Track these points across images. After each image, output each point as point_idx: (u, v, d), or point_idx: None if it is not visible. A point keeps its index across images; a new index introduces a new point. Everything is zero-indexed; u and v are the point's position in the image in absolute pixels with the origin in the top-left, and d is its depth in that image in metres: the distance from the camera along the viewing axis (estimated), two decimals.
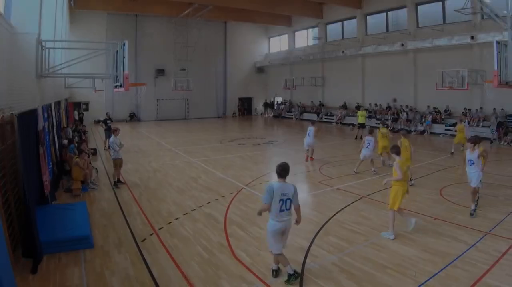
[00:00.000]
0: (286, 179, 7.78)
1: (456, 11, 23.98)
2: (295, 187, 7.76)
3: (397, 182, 9.94)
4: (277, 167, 7.81)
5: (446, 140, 28.19)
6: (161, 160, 21.22)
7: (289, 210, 7.64)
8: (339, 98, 42.77)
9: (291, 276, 7.63)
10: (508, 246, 9.04)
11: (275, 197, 7.48)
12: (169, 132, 34.76)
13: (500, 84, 16.06)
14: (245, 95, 54.58)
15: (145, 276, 7.98)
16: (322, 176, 17.04)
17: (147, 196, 14.20)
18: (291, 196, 7.60)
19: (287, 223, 7.70)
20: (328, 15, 44.04)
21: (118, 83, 13.97)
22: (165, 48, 45.22)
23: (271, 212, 7.58)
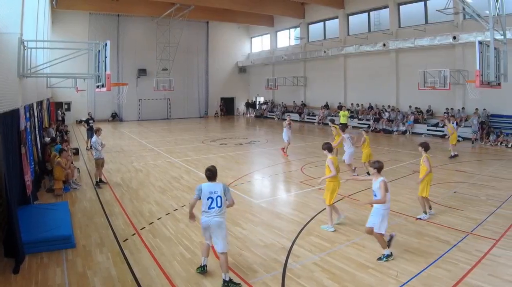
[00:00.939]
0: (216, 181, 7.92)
1: (438, 11, 24.13)
2: (225, 185, 7.94)
3: (332, 178, 10.48)
4: (206, 171, 7.97)
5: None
6: (143, 160, 21.17)
7: (220, 207, 7.75)
8: (321, 98, 42.84)
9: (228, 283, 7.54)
10: (490, 246, 9.10)
11: (204, 195, 7.73)
12: (151, 132, 34.67)
13: (482, 84, 16.26)
14: (227, 95, 54.50)
15: (127, 276, 8.00)
16: (304, 175, 17.04)
17: (129, 196, 14.19)
18: (220, 193, 7.73)
19: (213, 220, 7.73)
20: (310, 15, 44.12)
21: (100, 83, 13.92)
22: (147, 48, 45.13)
23: (202, 208, 7.85)
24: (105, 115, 44.62)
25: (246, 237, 10.01)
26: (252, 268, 8.28)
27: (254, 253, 9.06)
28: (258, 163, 18.46)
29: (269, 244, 9.56)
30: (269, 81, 47.02)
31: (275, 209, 12.75)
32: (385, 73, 35.41)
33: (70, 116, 41.48)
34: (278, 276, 7.95)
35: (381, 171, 8.83)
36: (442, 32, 28.89)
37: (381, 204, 8.45)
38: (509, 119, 26.53)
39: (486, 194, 13.76)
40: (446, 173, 17.34)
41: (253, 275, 8.00)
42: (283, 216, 11.78)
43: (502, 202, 12.75)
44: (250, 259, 8.73)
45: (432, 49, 30.52)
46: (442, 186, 14.90)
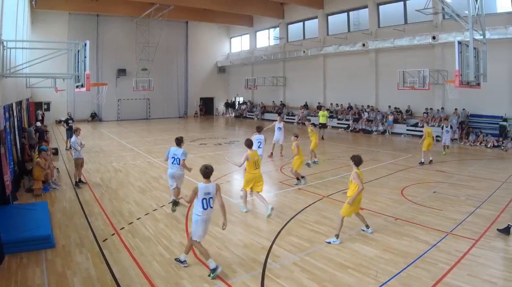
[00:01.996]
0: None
1: (418, 11, 24.11)
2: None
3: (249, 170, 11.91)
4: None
5: (407, 141, 28.56)
6: (123, 160, 21.08)
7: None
8: (300, 98, 42.91)
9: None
10: (469, 246, 9.13)
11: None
12: (131, 133, 34.56)
13: (461, 84, 16.23)
14: (206, 95, 54.39)
15: (106, 276, 7.95)
16: (283, 176, 17.06)
17: (108, 196, 14.12)
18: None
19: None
20: (289, 15, 44.15)
21: (80, 83, 13.86)
22: (127, 48, 44.86)
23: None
24: (85, 115, 44.33)
25: (225, 237, 9.97)
26: (231, 268, 8.25)
27: (234, 253, 9.05)
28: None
29: (248, 244, 9.56)
30: (249, 81, 47.07)
31: (254, 209, 12.70)
32: (364, 73, 35.47)
33: (49, 116, 41.13)
34: (258, 276, 7.94)
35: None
36: (421, 32, 29.02)
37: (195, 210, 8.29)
38: (489, 119, 26.69)
39: (466, 194, 13.81)
40: (426, 173, 17.42)
41: (232, 275, 7.97)
42: (262, 216, 11.74)
43: (481, 202, 12.79)
44: (229, 259, 8.72)
45: (411, 49, 30.63)
46: (421, 186, 14.98)
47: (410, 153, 22.64)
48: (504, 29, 23.59)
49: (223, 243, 9.62)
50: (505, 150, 23.62)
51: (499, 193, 13.91)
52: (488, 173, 17.46)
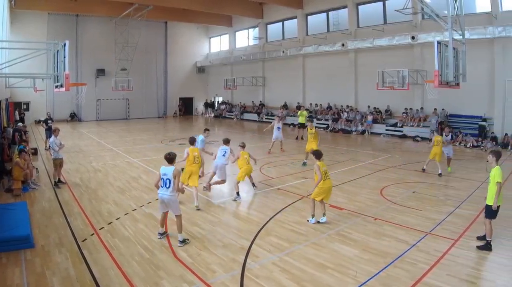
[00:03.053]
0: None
1: (397, 11, 24.15)
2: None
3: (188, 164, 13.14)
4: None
5: (386, 141, 28.69)
6: (102, 160, 20.96)
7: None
8: (280, 98, 42.97)
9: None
10: (448, 246, 9.17)
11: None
12: (110, 132, 34.41)
13: (441, 84, 16.30)
14: (186, 95, 54.35)
15: (86, 276, 7.91)
16: (263, 175, 17.05)
17: (88, 196, 14.03)
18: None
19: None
20: (268, 15, 44.19)
21: (59, 83, 13.81)
22: (106, 48, 44.66)
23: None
24: (64, 115, 44.13)
25: (204, 237, 9.96)
26: (210, 268, 8.24)
27: (213, 253, 9.02)
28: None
29: (227, 244, 9.53)
30: (228, 81, 47.05)
31: (234, 209, 12.78)
32: (344, 73, 35.53)
33: (29, 116, 40.83)
34: (237, 276, 7.93)
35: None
36: (400, 32, 29.10)
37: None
38: (468, 119, 26.86)
39: (445, 194, 13.95)
40: (405, 173, 17.48)
41: (211, 275, 7.96)
42: (242, 216, 11.84)
43: (461, 202, 12.86)
44: (208, 259, 8.70)
45: (390, 49, 30.75)
46: (401, 186, 15.03)
47: (389, 153, 22.75)
48: (483, 29, 23.79)
49: (202, 243, 9.58)
50: (484, 149, 23.68)
51: (479, 193, 13.90)
52: (467, 173, 17.57)
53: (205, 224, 10.93)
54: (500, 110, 25.17)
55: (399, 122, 30.62)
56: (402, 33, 28.80)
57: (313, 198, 11.07)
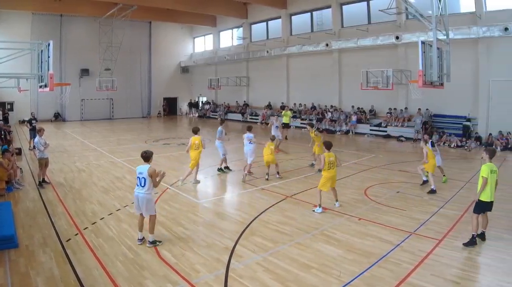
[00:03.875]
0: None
1: (381, 11, 24.24)
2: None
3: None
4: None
5: (371, 141, 28.74)
6: (86, 159, 20.90)
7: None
8: (264, 98, 43.00)
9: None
10: (432, 246, 9.17)
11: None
12: (94, 132, 34.32)
13: (425, 84, 16.39)
14: (170, 95, 54.39)
15: (70, 276, 7.87)
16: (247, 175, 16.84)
17: (72, 195, 13.99)
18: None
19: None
20: (252, 15, 44.21)
21: (43, 83, 13.81)
22: (90, 48, 44.52)
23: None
24: (48, 115, 43.98)
25: (188, 237, 9.95)
26: (194, 268, 8.23)
27: (197, 253, 8.99)
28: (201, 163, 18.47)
29: (211, 244, 9.51)
30: (212, 81, 47.04)
31: (218, 209, 12.78)
32: (328, 73, 35.60)
33: (13, 116, 40.57)
34: (221, 276, 7.92)
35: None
36: (384, 32, 29.18)
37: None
38: (452, 119, 26.97)
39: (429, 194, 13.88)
40: (389, 173, 17.49)
41: (195, 275, 7.95)
42: (226, 216, 11.79)
43: (445, 202, 12.88)
44: (192, 259, 8.69)
45: (375, 49, 30.81)
46: (385, 186, 15.05)
47: (373, 153, 22.77)
48: (468, 29, 23.89)
49: (186, 243, 9.57)
50: (469, 149, 23.87)
51: (463, 192, 14.03)
52: (451, 173, 17.44)
53: (189, 224, 10.92)
54: (484, 110, 25.28)
55: (383, 122, 30.68)
56: (386, 33, 28.89)
57: (320, 189, 11.90)
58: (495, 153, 9.65)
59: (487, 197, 9.13)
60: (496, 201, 9.64)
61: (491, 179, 9.10)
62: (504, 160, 20.47)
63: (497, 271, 7.95)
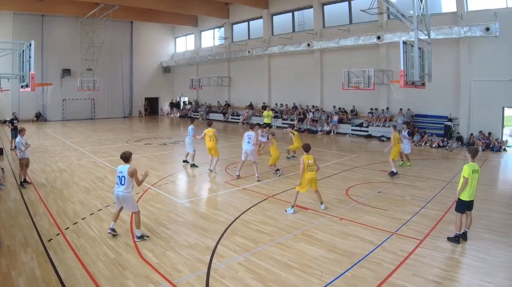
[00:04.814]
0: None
1: (363, 11, 24.11)
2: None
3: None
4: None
5: (352, 141, 28.74)
6: (68, 160, 20.78)
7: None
8: (245, 98, 43.06)
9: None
10: (414, 246, 9.20)
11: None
12: (75, 132, 34.14)
13: (406, 84, 16.39)
14: (151, 95, 54.33)
15: (51, 276, 7.82)
16: (228, 175, 16.99)
17: (53, 196, 13.88)
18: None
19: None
20: (234, 15, 44.27)
21: (25, 83, 13.78)
22: (72, 48, 44.39)
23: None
24: (30, 115, 43.72)
25: (170, 237, 9.91)
26: (176, 268, 8.20)
27: (179, 253, 8.97)
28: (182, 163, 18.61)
29: (193, 244, 9.49)
30: (193, 81, 46.96)
31: (199, 209, 12.73)
32: (309, 73, 35.69)
33: None
34: (203, 276, 7.90)
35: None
36: (366, 32, 29.26)
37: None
38: (433, 119, 27.13)
39: (411, 194, 13.90)
40: (370, 173, 17.51)
41: (177, 275, 7.92)
42: (207, 216, 11.71)
43: (426, 202, 12.92)
44: (174, 259, 8.66)
45: (356, 49, 30.94)
46: (366, 186, 15.06)
47: (355, 153, 22.81)
48: (449, 29, 23.96)
49: (168, 243, 9.54)
50: (450, 149, 23.97)
51: (444, 192, 14.06)
52: (433, 173, 17.63)
53: (170, 224, 10.88)
54: (466, 110, 25.46)
55: (364, 122, 30.79)
56: (367, 33, 28.98)
57: (298, 190, 11.97)
58: (477, 153, 9.71)
59: (467, 196, 9.22)
60: (476, 201, 9.73)
61: (473, 179, 9.17)
62: (485, 160, 20.60)
63: (478, 271, 7.98)
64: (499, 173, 19.13)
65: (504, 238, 9.68)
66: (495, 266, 8.22)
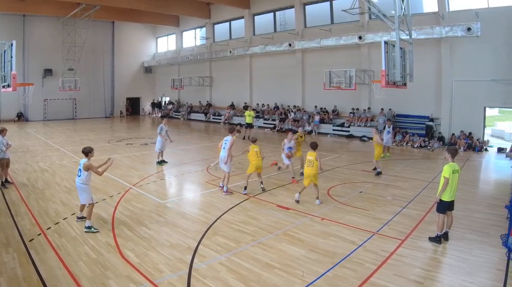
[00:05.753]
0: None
1: (344, 11, 24.04)
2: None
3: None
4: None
5: (333, 141, 28.80)
6: (49, 159, 20.68)
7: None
8: (227, 98, 43.04)
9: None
10: (395, 246, 9.23)
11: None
12: (57, 132, 33.95)
13: (388, 84, 16.41)
14: (133, 95, 54.19)
15: (33, 276, 7.79)
16: (210, 175, 17.00)
17: (35, 196, 13.83)
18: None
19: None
20: (216, 15, 44.19)
21: (6, 83, 13.70)
22: (53, 48, 44.11)
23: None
24: (11, 115, 43.50)
25: (151, 237, 9.91)
26: (157, 268, 8.21)
27: (160, 253, 8.99)
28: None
29: (175, 244, 9.49)
30: (175, 81, 46.92)
31: (181, 209, 12.67)
32: (291, 73, 35.71)
33: None
34: (184, 276, 7.91)
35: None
36: (348, 32, 29.21)
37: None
38: (415, 119, 27.20)
39: (392, 194, 13.94)
40: (352, 173, 17.54)
41: (159, 275, 7.93)
42: (189, 216, 11.72)
43: (408, 202, 12.98)
44: (155, 259, 8.67)
45: (338, 49, 30.95)
46: (348, 186, 15.08)
47: (336, 153, 22.84)
48: (431, 29, 23.99)
49: (149, 243, 9.55)
50: (432, 149, 24.06)
51: (425, 192, 14.14)
52: (414, 172, 17.71)
53: (152, 224, 10.86)
54: (447, 111, 25.58)
55: (346, 122, 30.83)
56: (349, 33, 28.96)
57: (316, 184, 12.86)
58: (457, 153, 9.73)
59: (448, 197, 9.26)
60: (458, 201, 9.79)
61: (453, 179, 9.20)
62: (467, 160, 20.74)
63: (460, 271, 8.03)
64: (480, 173, 19.29)
65: (485, 238, 9.72)
66: (476, 266, 8.26)
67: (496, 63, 23.14)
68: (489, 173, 19.90)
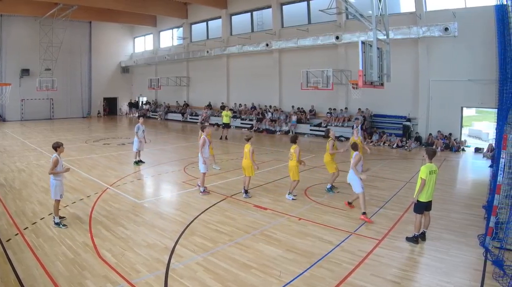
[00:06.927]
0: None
1: (321, 11, 24.13)
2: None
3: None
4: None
5: (311, 141, 28.79)
6: (26, 159, 20.53)
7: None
8: (204, 98, 42.96)
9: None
10: (372, 246, 9.25)
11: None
12: (34, 132, 33.71)
13: (365, 84, 16.35)
14: (110, 95, 53.89)
15: (10, 276, 7.78)
16: (187, 175, 16.94)
17: (12, 195, 13.76)
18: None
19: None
20: (193, 15, 44.16)
21: None
22: (31, 48, 43.77)
23: None
24: None
25: (129, 237, 9.87)
26: (135, 268, 8.19)
27: (137, 253, 8.96)
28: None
29: (152, 244, 9.47)
30: (152, 81, 46.80)
31: (158, 209, 12.64)
32: (268, 74, 35.72)
33: None
34: (161, 276, 7.90)
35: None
36: (325, 32, 29.28)
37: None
38: (392, 119, 27.29)
39: (369, 194, 13.73)
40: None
41: (136, 275, 7.91)
42: (166, 216, 11.70)
43: (385, 202, 13.03)
44: (132, 259, 8.64)
45: (315, 49, 30.98)
46: (325, 186, 14.98)
47: (313, 153, 22.84)
48: (408, 29, 24.12)
49: (127, 243, 9.51)
50: (409, 149, 24.17)
51: (403, 192, 14.22)
52: (391, 173, 17.80)
53: (129, 224, 10.82)
54: (424, 111, 25.72)
55: (323, 122, 30.80)
56: (326, 33, 29.03)
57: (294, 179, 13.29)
58: (435, 154, 9.71)
59: (425, 198, 9.27)
60: (435, 201, 9.83)
61: (430, 180, 9.22)
62: (444, 160, 20.87)
63: (437, 271, 8.05)
64: (457, 173, 19.39)
65: (462, 238, 9.77)
66: (453, 266, 8.30)
67: (473, 63, 23.24)
68: (467, 173, 20.01)
